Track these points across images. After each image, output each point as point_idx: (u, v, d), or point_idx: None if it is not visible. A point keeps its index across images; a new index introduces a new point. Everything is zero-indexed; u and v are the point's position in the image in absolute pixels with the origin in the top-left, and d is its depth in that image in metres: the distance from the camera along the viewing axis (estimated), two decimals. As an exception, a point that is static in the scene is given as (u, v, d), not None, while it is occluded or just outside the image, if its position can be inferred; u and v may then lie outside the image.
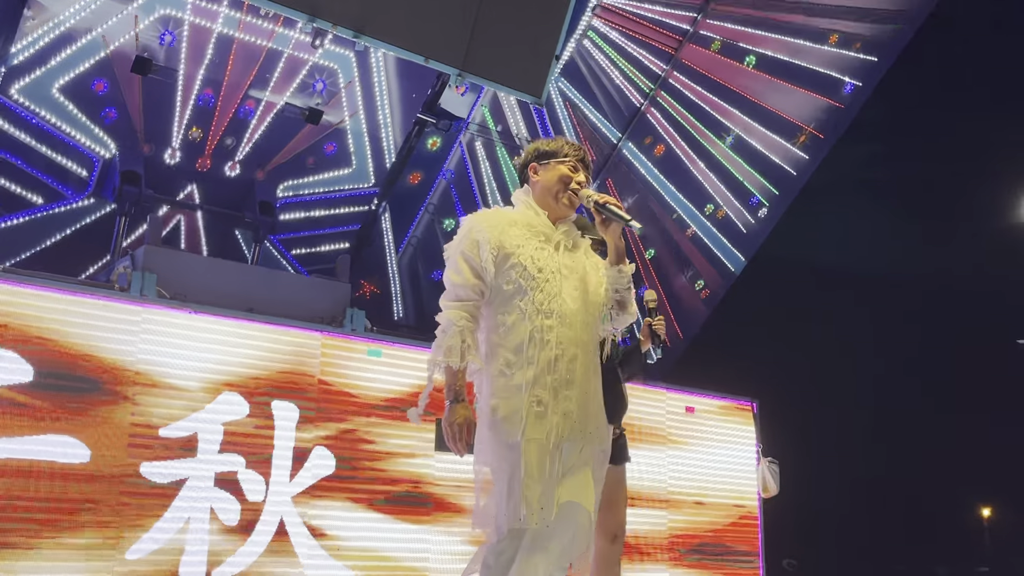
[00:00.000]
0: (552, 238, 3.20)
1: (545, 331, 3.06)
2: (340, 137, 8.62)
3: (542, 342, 3.05)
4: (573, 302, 3.14)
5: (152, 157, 7.86)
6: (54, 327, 4.83)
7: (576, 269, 3.20)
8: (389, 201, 9.22)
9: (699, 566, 7.11)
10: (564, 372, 3.06)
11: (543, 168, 3.29)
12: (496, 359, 3.08)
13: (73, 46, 7.24)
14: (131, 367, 5.01)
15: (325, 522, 5.45)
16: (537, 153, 3.34)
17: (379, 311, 8.74)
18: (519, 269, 3.09)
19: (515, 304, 3.08)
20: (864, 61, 8.04)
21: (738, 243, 8.86)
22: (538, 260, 3.12)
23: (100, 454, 4.83)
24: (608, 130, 9.53)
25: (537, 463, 2.96)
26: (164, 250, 6.63)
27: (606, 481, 4.09)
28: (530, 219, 3.22)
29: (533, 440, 2.98)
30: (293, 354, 5.58)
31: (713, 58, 8.95)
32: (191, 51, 7.61)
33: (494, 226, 3.14)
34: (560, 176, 3.25)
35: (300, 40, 7.77)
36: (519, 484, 2.94)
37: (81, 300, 4.98)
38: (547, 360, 3.04)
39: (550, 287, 3.10)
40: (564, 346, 3.07)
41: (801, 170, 8.49)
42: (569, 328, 3.10)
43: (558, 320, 3.08)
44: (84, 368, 4.88)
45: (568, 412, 3.04)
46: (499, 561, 2.94)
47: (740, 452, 7.55)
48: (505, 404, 3.01)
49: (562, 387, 3.05)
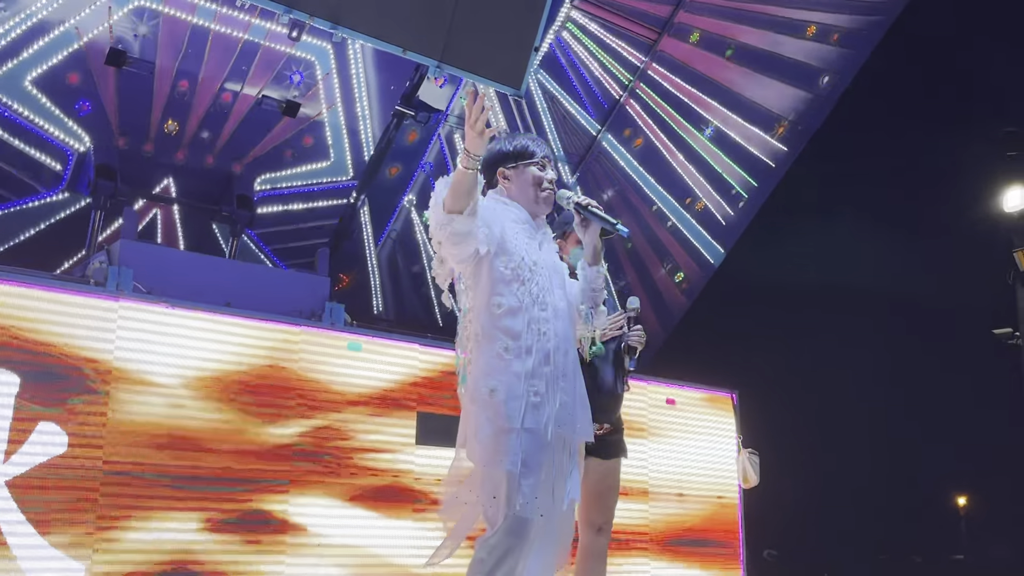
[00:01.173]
0: (535, 236, 3.24)
1: (542, 323, 3.09)
2: (318, 130, 8.56)
3: (540, 333, 3.07)
4: (560, 300, 3.19)
5: (127, 150, 7.78)
6: (29, 323, 4.76)
7: (557, 268, 3.26)
8: (368, 194, 9.17)
9: (680, 557, 7.12)
10: (558, 365, 3.09)
11: (512, 171, 3.29)
12: (493, 341, 3.06)
13: (46, 38, 7.15)
14: (108, 363, 4.95)
15: (306, 518, 5.41)
16: (503, 156, 3.32)
17: (359, 305, 8.70)
18: (516, 259, 3.11)
19: (512, 290, 3.08)
20: (842, 52, 8.06)
21: (717, 235, 8.88)
22: (531, 254, 3.16)
23: (74, 451, 4.77)
24: (587, 122, 9.51)
25: (534, 454, 2.97)
26: (140, 244, 6.56)
27: (596, 474, 4.13)
28: (517, 215, 3.24)
29: (530, 430, 2.99)
30: (272, 348, 5.53)
31: (692, 50, 8.95)
32: (166, 43, 7.52)
33: (495, 211, 3.16)
34: (532, 179, 3.26)
35: (277, 32, 7.70)
36: (516, 474, 2.93)
37: (56, 295, 4.92)
38: (545, 352, 3.06)
39: (542, 281, 3.13)
40: (558, 339, 3.11)
41: (780, 162, 8.52)
42: (560, 322, 3.14)
43: (552, 313, 3.11)
44: (59, 364, 4.82)
45: (563, 404, 3.07)
46: (492, 555, 2.91)
47: (720, 443, 7.56)
48: (504, 389, 3.00)
49: (557, 379, 3.07)
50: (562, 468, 3.07)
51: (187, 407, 5.17)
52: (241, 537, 5.20)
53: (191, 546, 5.02)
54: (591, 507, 4.16)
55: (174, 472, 5.06)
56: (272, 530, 5.30)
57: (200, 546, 5.05)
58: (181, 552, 5.00)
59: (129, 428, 4.97)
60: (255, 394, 5.40)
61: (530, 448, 2.97)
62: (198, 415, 5.19)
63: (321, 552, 5.42)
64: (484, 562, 2.92)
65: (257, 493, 5.30)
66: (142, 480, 4.96)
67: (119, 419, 4.95)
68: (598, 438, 4.13)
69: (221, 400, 5.28)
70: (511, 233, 3.15)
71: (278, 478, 5.38)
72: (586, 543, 4.15)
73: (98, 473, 4.83)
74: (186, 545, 5.02)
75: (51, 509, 4.67)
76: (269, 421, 5.41)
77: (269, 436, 5.39)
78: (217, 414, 5.25)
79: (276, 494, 5.36)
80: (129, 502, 4.91)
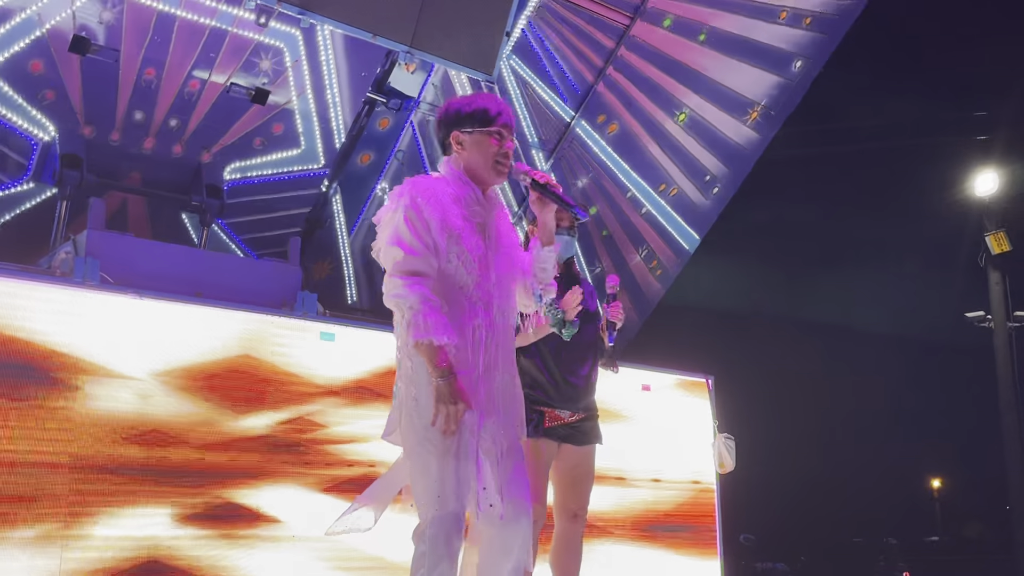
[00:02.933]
0: (484, 220, 3.12)
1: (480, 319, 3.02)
2: (288, 117, 8.45)
3: (476, 328, 3.01)
4: (504, 290, 3.11)
5: (94, 139, 7.64)
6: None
7: (501, 248, 3.15)
8: (340, 182, 9.09)
9: (657, 543, 7.13)
10: (490, 356, 3.03)
11: (468, 137, 3.13)
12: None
13: (7, 25, 6.99)
14: (74, 354, 4.86)
15: (280, 510, 5.36)
16: (458, 119, 3.16)
17: (331, 294, 8.63)
18: (462, 255, 3.01)
19: (455, 289, 3.00)
20: (814, 37, 8.06)
21: (692, 221, 8.88)
22: (476, 247, 3.05)
23: (41, 445, 4.69)
24: (561, 108, 9.46)
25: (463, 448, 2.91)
26: (108, 234, 6.44)
27: (570, 461, 4.10)
28: (467, 197, 3.10)
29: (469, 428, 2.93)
30: (243, 339, 5.46)
31: (665, 35, 8.92)
32: (131, 30, 7.39)
33: (440, 204, 3.03)
34: (488, 149, 3.11)
35: (244, 18, 7.58)
36: (448, 470, 2.88)
37: (21, 285, 4.83)
38: (479, 345, 3.00)
39: (485, 275, 3.05)
40: (490, 330, 3.04)
41: (752, 147, 8.52)
42: (501, 316, 3.07)
43: (484, 305, 3.04)
44: (25, 356, 4.73)
45: (495, 395, 3.02)
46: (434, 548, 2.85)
47: (696, 428, 7.56)
48: (427, 393, 2.91)
49: (487, 371, 3.01)
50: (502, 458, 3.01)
51: (156, 399, 5.10)
52: (214, 530, 5.13)
53: (163, 540, 4.96)
54: (566, 494, 4.14)
55: (144, 465, 4.99)
56: (245, 522, 5.24)
57: (172, 540, 4.98)
58: (153, 546, 4.93)
59: (97, 421, 4.89)
60: (226, 385, 5.33)
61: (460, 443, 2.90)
62: (168, 407, 5.12)
63: (295, 544, 5.37)
64: (426, 555, 2.86)
65: (229, 485, 5.24)
66: (111, 474, 4.89)
67: (87, 412, 4.87)
68: (571, 425, 4.11)
69: (191, 391, 5.21)
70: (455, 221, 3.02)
71: (250, 470, 5.32)
72: (561, 529, 4.13)
73: (66, 468, 4.75)
74: (158, 539, 4.95)
75: (19, 505, 4.59)
76: (241, 412, 5.35)
77: (241, 427, 5.32)
78: (187, 406, 5.18)
79: (249, 486, 5.30)
80: (98, 497, 4.83)
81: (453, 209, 3.04)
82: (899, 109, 13.52)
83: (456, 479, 2.88)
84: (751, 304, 12.92)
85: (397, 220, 3.00)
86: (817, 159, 12.95)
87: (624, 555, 6.91)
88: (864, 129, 13.85)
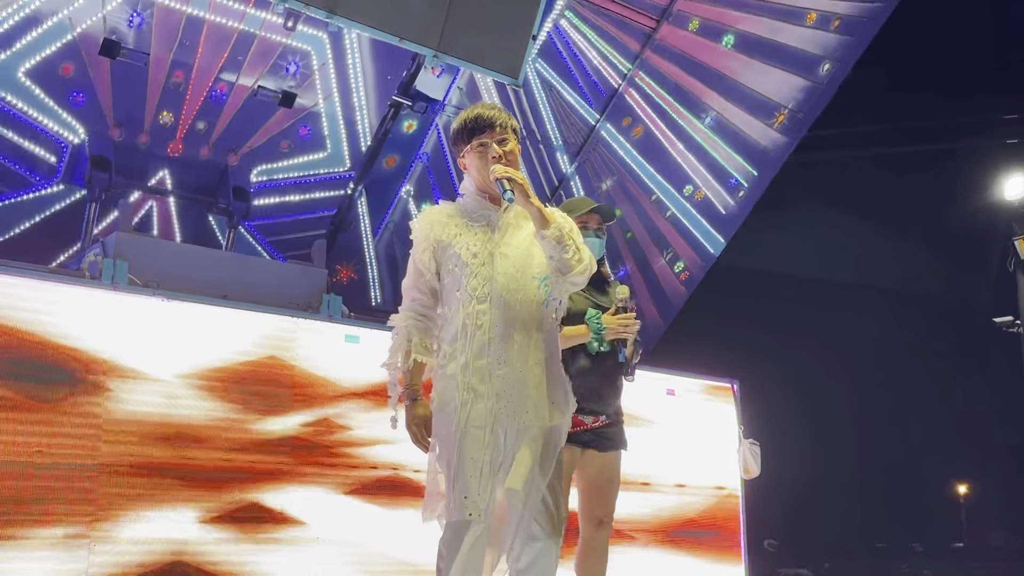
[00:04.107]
0: (494, 221, 3.18)
1: (478, 316, 3.06)
2: (314, 120, 8.49)
3: (475, 327, 3.05)
4: (512, 281, 3.10)
5: (122, 142, 7.71)
6: (24, 316, 4.72)
7: (520, 246, 3.16)
8: (365, 185, 9.12)
9: (682, 548, 7.10)
10: (497, 354, 3.03)
11: (467, 158, 3.25)
12: (439, 353, 3.15)
13: (39, 29, 7.07)
14: (103, 356, 4.91)
15: (304, 512, 5.38)
16: (455, 143, 3.28)
17: (356, 296, 8.65)
18: (455, 259, 3.11)
19: (454, 295, 3.11)
20: (842, 40, 7.99)
21: (718, 224, 8.83)
22: (472, 246, 3.11)
23: (68, 445, 4.73)
24: (586, 111, 9.45)
25: (471, 453, 2.96)
26: (136, 237, 6.49)
27: (594, 467, 4.07)
28: (471, 208, 3.22)
29: (466, 430, 2.99)
30: (269, 341, 5.49)
31: (691, 38, 8.88)
32: (161, 33, 7.45)
33: (432, 222, 3.19)
34: (478, 167, 3.20)
35: (272, 21, 7.63)
36: (459, 475, 2.96)
37: (52, 288, 4.88)
38: (479, 345, 3.03)
39: (485, 271, 3.09)
40: (499, 327, 3.04)
41: (779, 150, 8.46)
42: (506, 309, 3.06)
43: (492, 303, 3.06)
44: (55, 357, 4.78)
45: (500, 393, 3.02)
46: (449, 552, 2.98)
47: (721, 433, 7.53)
48: (440, 395, 3.08)
49: (495, 368, 3.02)
50: (504, 461, 3.02)
51: (183, 400, 5.13)
52: (238, 531, 5.16)
53: (188, 540, 4.99)
54: (591, 500, 4.11)
55: (170, 466, 5.03)
56: (270, 524, 5.27)
57: (197, 540, 5.02)
58: (179, 546, 4.97)
59: (125, 422, 4.93)
60: (252, 387, 5.36)
61: (468, 448, 2.97)
62: (194, 409, 5.15)
63: (319, 545, 5.39)
64: (444, 558, 3.01)
65: (254, 487, 5.26)
66: (138, 474, 4.93)
67: (115, 413, 4.91)
68: (595, 431, 4.08)
69: (217, 393, 5.24)
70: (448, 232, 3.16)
71: (275, 472, 5.35)
72: (587, 536, 4.11)
73: (94, 467, 4.79)
74: (183, 539, 4.99)
75: (47, 505, 4.63)
76: (266, 414, 5.38)
77: (266, 429, 5.35)
78: (214, 408, 5.21)
79: (274, 488, 5.32)
80: (125, 497, 4.87)
81: (449, 223, 3.18)
82: (926, 112, 13.40)
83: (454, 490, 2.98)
84: (777, 309, 12.86)
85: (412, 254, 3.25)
86: (833, 164, 12.85)
87: (649, 561, 6.88)
88: (889, 132, 13.75)
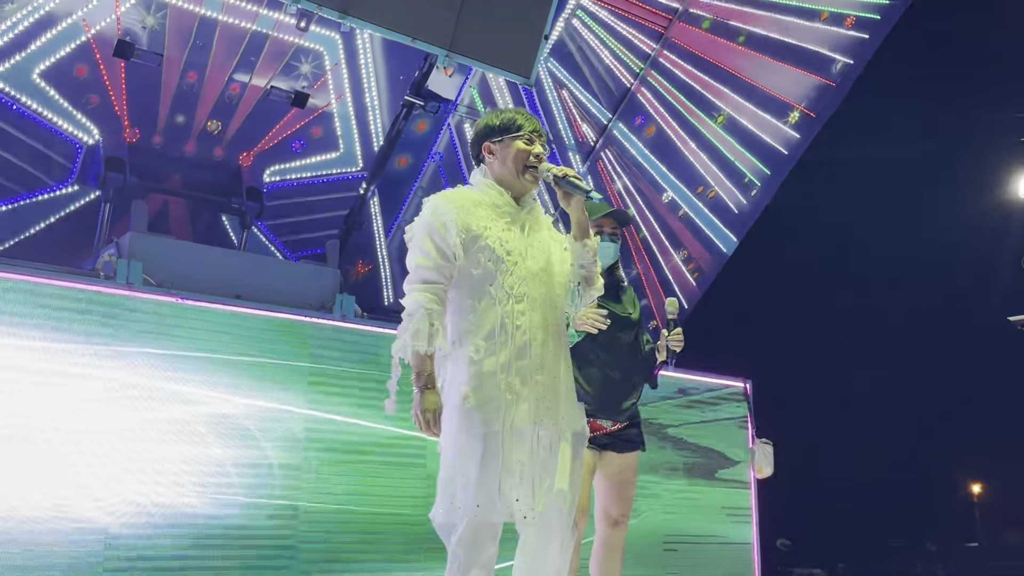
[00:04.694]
0: (517, 218, 3.11)
1: (516, 316, 2.98)
2: (327, 120, 8.51)
3: (513, 328, 2.97)
4: (541, 284, 3.06)
5: (136, 143, 7.74)
6: (39, 316, 4.75)
7: (542, 249, 3.12)
8: (378, 185, 9.13)
9: (694, 547, 7.09)
10: (535, 358, 2.98)
11: (498, 146, 3.16)
12: (465, 345, 2.99)
13: (53, 30, 7.11)
14: (117, 356, 4.93)
15: (314, 507, 5.40)
16: (489, 130, 3.19)
17: (369, 296, 8.66)
18: (487, 252, 3.00)
19: (485, 289, 2.99)
20: (855, 38, 7.97)
21: (730, 223, 8.80)
22: (506, 242, 3.03)
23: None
24: (598, 111, 9.44)
25: (517, 455, 2.89)
26: (150, 237, 6.53)
27: (613, 467, 4.09)
28: (494, 199, 3.11)
29: (510, 431, 2.90)
30: (282, 340, 5.51)
31: (703, 37, 8.87)
32: (174, 34, 7.47)
33: (460, 207, 3.04)
34: (517, 152, 3.13)
35: (285, 22, 7.65)
36: (493, 476, 2.86)
37: (66, 288, 4.90)
38: (519, 346, 2.96)
39: (519, 270, 3.01)
40: (534, 331, 3.00)
41: (792, 149, 8.44)
42: (538, 312, 3.02)
43: (528, 304, 3.00)
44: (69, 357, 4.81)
45: (540, 398, 2.97)
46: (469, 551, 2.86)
47: (734, 433, 7.52)
48: (477, 393, 2.92)
49: (533, 373, 2.97)
50: (546, 464, 2.95)
51: (198, 398, 5.15)
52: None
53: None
54: (608, 500, 4.13)
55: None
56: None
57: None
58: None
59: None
60: (265, 386, 5.38)
61: (509, 449, 2.89)
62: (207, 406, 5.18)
63: (329, 544, 5.41)
64: (459, 559, 2.88)
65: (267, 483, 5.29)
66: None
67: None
68: (613, 434, 4.10)
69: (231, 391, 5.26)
70: (478, 221, 3.02)
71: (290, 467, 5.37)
72: (603, 536, 4.12)
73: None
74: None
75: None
76: (279, 413, 5.40)
77: (279, 428, 5.37)
78: (227, 406, 5.24)
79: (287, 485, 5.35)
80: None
81: (477, 211, 3.05)
82: (939, 109, 13.34)
83: (494, 487, 2.86)
84: (790, 309, 12.82)
85: (419, 230, 3.06)
86: (846, 161, 12.79)
87: (662, 560, 6.88)
88: (902, 130, 13.69)
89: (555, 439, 3.00)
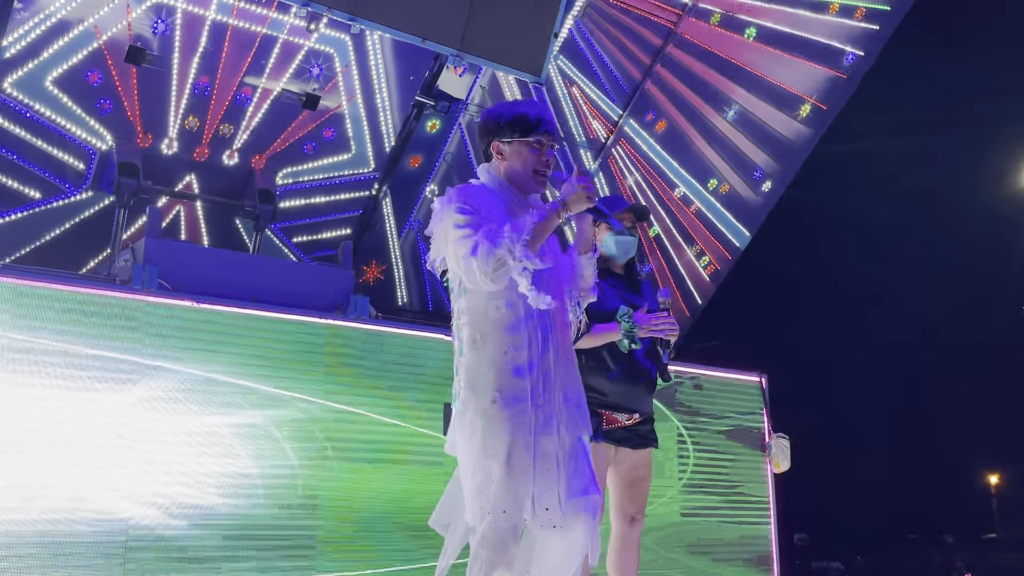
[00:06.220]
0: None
1: (536, 318, 2.99)
2: (338, 122, 8.54)
3: (537, 334, 2.98)
4: (557, 291, 3.08)
5: (149, 148, 7.78)
6: (55, 322, 4.78)
7: (551, 250, 3.13)
8: (390, 186, 9.15)
9: (710, 543, 7.09)
10: (560, 364, 3.02)
11: (507, 146, 3.14)
12: (491, 345, 2.97)
13: (65, 37, 7.15)
14: (134, 361, 4.96)
15: (333, 504, 5.42)
16: (499, 128, 3.16)
17: (383, 297, 8.69)
18: None
19: (508, 292, 2.97)
20: (866, 30, 7.93)
21: (742, 217, 8.78)
22: None
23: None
24: (609, 107, 9.44)
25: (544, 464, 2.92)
26: (165, 242, 6.56)
27: (627, 464, 4.10)
28: (509, 200, 3.12)
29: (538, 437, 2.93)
30: (298, 342, 5.53)
31: (713, 31, 8.85)
32: (185, 39, 7.51)
33: (485, 200, 3.05)
34: (526, 160, 3.12)
35: (295, 25, 7.68)
36: (520, 482, 2.87)
37: (82, 294, 4.93)
38: (545, 352, 2.98)
39: (539, 275, 3.00)
40: (554, 336, 3.02)
41: (804, 142, 8.41)
42: (555, 318, 3.05)
43: (547, 310, 3.01)
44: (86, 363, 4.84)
45: (562, 404, 3.01)
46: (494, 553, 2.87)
47: (750, 427, 7.50)
48: (505, 391, 2.92)
49: (556, 378, 3.00)
50: (565, 469, 2.98)
51: (217, 401, 5.18)
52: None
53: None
54: (623, 497, 4.14)
55: (205, 469, 5.09)
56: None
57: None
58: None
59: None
60: (283, 387, 5.41)
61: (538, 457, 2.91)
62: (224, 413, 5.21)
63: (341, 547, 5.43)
64: (483, 559, 2.87)
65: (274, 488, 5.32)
66: (173, 477, 5.00)
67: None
68: (628, 428, 4.10)
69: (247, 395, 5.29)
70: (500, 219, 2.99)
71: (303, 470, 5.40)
72: (619, 532, 4.13)
73: (129, 471, 4.86)
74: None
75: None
76: (297, 413, 5.42)
77: (298, 427, 5.40)
78: (246, 408, 5.27)
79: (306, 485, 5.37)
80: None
81: (495, 209, 3.05)
82: (954, 98, 13.26)
83: (519, 490, 2.88)
84: (805, 302, 12.77)
85: (449, 219, 3.01)
86: (859, 153, 12.74)
87: (678, 557, 6.87)
88: (917, 120, 13.62)
89: (576, 444, 3.04)
